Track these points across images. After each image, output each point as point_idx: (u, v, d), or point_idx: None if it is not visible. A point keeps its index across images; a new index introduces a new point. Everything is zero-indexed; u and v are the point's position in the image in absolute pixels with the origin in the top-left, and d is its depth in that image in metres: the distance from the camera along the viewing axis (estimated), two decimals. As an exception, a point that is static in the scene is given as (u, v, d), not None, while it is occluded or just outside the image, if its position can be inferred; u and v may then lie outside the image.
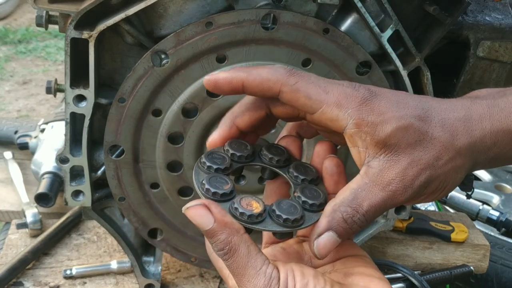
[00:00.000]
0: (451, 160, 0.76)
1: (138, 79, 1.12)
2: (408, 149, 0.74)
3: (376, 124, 0.74)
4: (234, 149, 0.82)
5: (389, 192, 0.74)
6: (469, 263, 1.55)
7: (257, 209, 0.74)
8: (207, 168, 0.79)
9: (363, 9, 1.12)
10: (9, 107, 4.20)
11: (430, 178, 0.75)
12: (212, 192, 0.75)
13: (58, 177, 1.60)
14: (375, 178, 0.74)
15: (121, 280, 1.41)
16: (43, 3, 1.07)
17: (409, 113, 0.75)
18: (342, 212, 0.74)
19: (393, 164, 0.74)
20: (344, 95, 0.77)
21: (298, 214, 0.75)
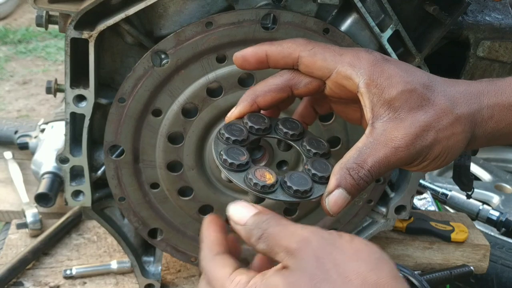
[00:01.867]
0: (451, 125, 0.81)
1: (138, 79, 1.12)
2: (411, 111, 0.80)
3: (384, 86, 0.80)
4: (252, 122, 0.87)
5: (392, 148, 0.78)
6: (469, 263, 1.55)
7: (270, 180, 0.79)
8: (226, 139, 0.84)
9: (363, 9, 1.12)
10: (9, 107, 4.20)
11: (432, 141, 0.80)
12: (229, 162, 0.80)
13: (58, 177, 1.61)
14: (379, 136, 0.79)
15: (121, 280, 1.41)
16: (43, 3, 1.07)
17: (415, 80, 0.81)
18: (348, 168, 0.78)
19: (396, 124, 0.79)
20: (357, 57, 0.83)
21: (307, 185, 0.80)
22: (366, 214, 1.34)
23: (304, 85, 0.87)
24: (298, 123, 0.90)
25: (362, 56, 0.83)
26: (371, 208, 1.33)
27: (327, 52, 0.85)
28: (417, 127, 0.79)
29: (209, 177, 1.23)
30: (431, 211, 1.98)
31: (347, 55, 0.84)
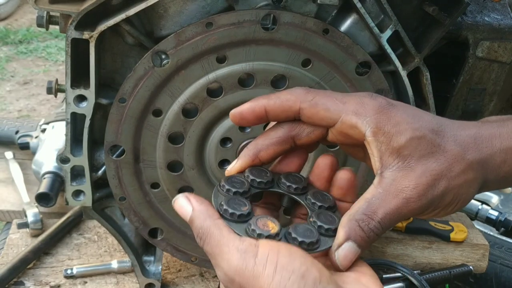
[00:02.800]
0: (463, 172, 0.78)
1: (138, 79, 1.12)
2: (421, 159, 0.77)
3: (392, 134, 0.77)
4: (254, 175, 0.84)
5: (403, 199, 0.75)
6: (468, 262, 1.56)
7: (273, 230, 0.75)
8: (226, 191, 0.81)
9: (363, 10, 1.12)
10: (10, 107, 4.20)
11: (444, 190, 0.77)
12: (230, 212, 0.77)
13: (59, 177, 1.61)
14: (388, 187, 0.76)
15: (122, 280, 1.42)
16: (43, 3, 1.08)
17: (424, 126, 0.78)
18: (358, 220, 0.76)
19: (406, 173, 0.76)
20: (361, 104, 0.80)
21: (314, 237, 0.77)
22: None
23: (306, 134, 0.84)
24: (301, 176, 0.87)
25: (367, 102, 0.80)
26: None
27: (329, 101, 0.81)
28: (428, 176, 0.76)
29: (209, 177, 1.24)
30: (430, 211, 1.98)
31: (351, 102, 0.80)
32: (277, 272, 0.69)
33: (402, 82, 1.18)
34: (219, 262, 0.73)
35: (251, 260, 0.71)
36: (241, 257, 0.71)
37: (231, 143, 1.20)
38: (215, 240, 0.74)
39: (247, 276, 0.70)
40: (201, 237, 0.75)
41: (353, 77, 1.16)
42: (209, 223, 0.75)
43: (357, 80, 1.16)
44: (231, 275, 0.72)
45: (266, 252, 0.71)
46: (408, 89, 1.18)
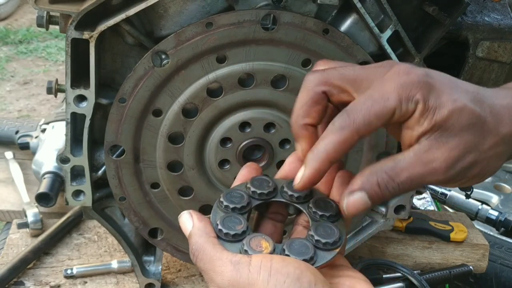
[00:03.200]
0: (495, 145, 0.77)
1: (138, 79, 1.12)
2: (460, 131, 0.75)
3: (435, 108, 0.74)
4: (255, 186, 0.83)
5: (431, 169, 0.75)
6: (468, 262, 1.56)
7: (266, 250, 0.75)
8: (225, 208, 0.80)
9: (363, 10, 1.12)
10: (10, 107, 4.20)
11: (473, 162, 0.76)
12: (224, 232, 0.76)
13: (59, 177, 1.61)
14: (421, 154, 0.75)
15: (122, 280, 1.42)
16: (43, 3, 1.08)
17: (463, 95, 0.76)
18: (379, 176, 0.75)
19: (442, 144, 0.75)
20: (402, 86, 0.77)
21: (309, 254, 0.75)
22: (365, 214, 1.35)
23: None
24: None
25: (408, 80, 0.76)
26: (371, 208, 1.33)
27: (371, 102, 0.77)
28: (461, 149, 0.75)
29: (209, 177, 1.24)
30: (430, 210, 1.99)
31: (390, 85, 0.76)
32: (272, 276, 0.69)
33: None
34: (212, 277, 0.73)
35: (245, 269, 0.70)
36: (235, 268, 0.71)
37: (231, 143, 1.20)
38: (207, 256, 0.74)
39: (242, 285, 0.70)
40: (194, 253, 0.75)
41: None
42: (204, 240, 0.75)
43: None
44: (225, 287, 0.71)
45: (259, 260, 0.71)
46: (408, 89, 1.18)
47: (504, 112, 0.78)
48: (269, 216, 0.87)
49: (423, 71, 0.76)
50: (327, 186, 0.84)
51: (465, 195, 1.86)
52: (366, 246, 1.54)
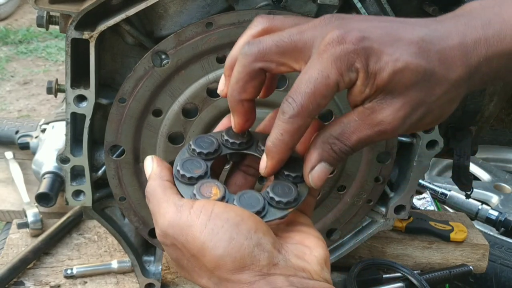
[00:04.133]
0: (446, 93, 0.74)
1: (138, 79, 1.12)
2: (404, 90, 0.72)
3: (375, 73, 0.71)
4: (229, 135, 0.82)
5: (377, 131, 0.74)
6: (468, 262, 1.56)
7: (214, 196, 0.75)
8: (192, 151, 0.81)
9: (363, 10, 1.12)
10: (10, 107, 4.20)
11: (423, 115, 0.74)
12: (180, 174, 0.77)
13: (59, 177, 1.61)
14: (366, 117, 0.73)
15: (122, 280, 1.42)
16: (43, 3, 1.08)
17: (404, 51, 0.72)
18: (331, 143, 0.75)
19: (386, 106, 0.73)
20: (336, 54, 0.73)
21: (257, 207, 0.75)
22: (365, 214, 1.35)
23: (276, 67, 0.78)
24: None
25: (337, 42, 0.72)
26: (371, 208, 1.33)
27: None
28: (407, 107, 0.73)
29: (209, 177, 1.24)
30: (430, 210, 1.99)
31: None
32: (211, 220, 0.70)
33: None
34: (156, 218, 0.75)
35: (186, 211, 0.72)
36: (177, 210, 0.72)
37: (231, 143, 1.20)
38: (156, 199, 0.76)
39: (181, 226, 0.71)
40: (147, 195, 0.77)
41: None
42: (157, 183, 0.77)
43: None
44: (165, 228, 0.73)
45: (201, 205, 0.72)
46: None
47: (454, 54, 0.73)
48: (242, 168, 0.87)
49: (358, 34, 0.71)
50: (306, 145, 0.82)
51: (465, 195, 1.85)
52: (366, 246, 1.54)
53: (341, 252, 1.38)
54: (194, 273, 0.73)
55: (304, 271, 0.72)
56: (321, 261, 0.74)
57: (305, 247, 0.75)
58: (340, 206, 1.31)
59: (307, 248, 0.75)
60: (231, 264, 0.69)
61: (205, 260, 0.70)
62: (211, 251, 0.69)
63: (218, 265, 0.69)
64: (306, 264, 0.73)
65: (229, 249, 0.69)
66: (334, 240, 1.36)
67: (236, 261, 0.69)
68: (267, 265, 0.70)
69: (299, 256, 0.73)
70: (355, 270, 1.46)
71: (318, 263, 0.74)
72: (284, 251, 0.73)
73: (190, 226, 0.70)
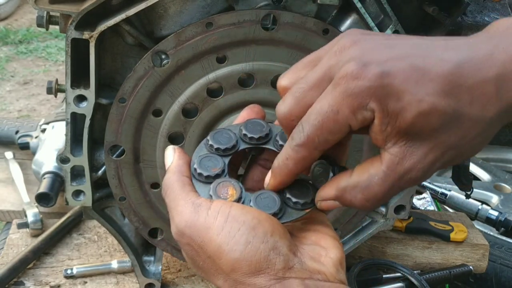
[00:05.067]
0: (479, 135, 0.67)
1: (138, 79, 1.12)
2: (432, 133, 0.66)
3: (396, 114, 0.65)
4: (247, 130, 0.81)
5: (407, 180, 0.68)
6: (468, 262, 1.56)
7: (231, 197, 0.74)
8: (209, 147, 0.80)
9: (363, 10, 1.12)
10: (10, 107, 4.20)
11: (453, 157, 0.69)
12: (198, 172, 0.76)
13: (59, 177, 1.61)
14: (394, 166, 0.68)
15: (122, 280, 1.42)
16: (43, 3, 1.08)
17: (431, 90, 0.64)
18: (353, 196, 0.71)
19: (414, 150, 0.67)
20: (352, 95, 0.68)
21: (273, 209, 0.74)
22: (365, 214, 1.35)
23: None
24: None
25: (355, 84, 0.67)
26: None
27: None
28: (437, 151, 0.67)
29: (209, 177, 1.24)
30: (430, 210, 1.99)
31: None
32: (228, 222, 0.70)
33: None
34: (173, 215, 0.74)
35: (203, 212, 0.71)
36: (195, 210, 0.72)
37: (231, 143, 1.20)
38: (174, 194, 0.75)
39: (198, 228, 0.71)
40: (164, 188, 0.77)
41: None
42: (176, 178, 0.76)
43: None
44: (182, 227, 0.72)
45: (219, 206, 0.72)
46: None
47: (490, 90, 0.65)
48: (260, 162, 0.86)
49: (377, 69, 0.64)
50: None
51: (465, 195, 1.85)
52: (366, 246, 1.54)
53: (341, 252, 1.38)
54: (210, 274, 0.73)
55: (320, 273, 0.72)
56: (337, 263, 0.74)
57: (321, 248, 0.75)
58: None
59: (322, 249, 0.75)
60: (247, 267, 0.69)
61: (221, 263, 0.70)
62: (227, 254, 0.69)
63: (234, 268, 0.69)
64: (322, 266, 0.73)
65: (245, 253, 0.69)
66: (334, 240, 1.35)
67: (252, 265, 0.69)
68: (283, 269, 0.69)
69: (315, 259, 0.73)
70: (355, 270, 1.46)
71: (334, 265, 0.73)
72: (300, 253, 0.73)
73: (207, 228, 0.70)
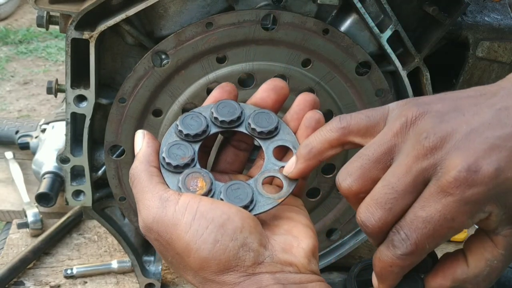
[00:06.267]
0: None
1: (138, 79, 1.12)
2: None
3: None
4: (218, 113, 0.77)
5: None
6: (468, 262, 1.55)
7: (200, 190, 0.72)
8: (179, 132, 0.76)
9: (363, 10, 1.12)
10: (10, 107, 4.20)
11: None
12: (166, 162, 0.74)
13: (59, 177, 1.61)
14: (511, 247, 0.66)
15: (122, 280, 1.42)
16: (43, 3, 1.08)
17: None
18: (475, 285, 0.68)
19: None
20: None
21: (245, 201, 0.72)
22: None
23: None
24: (274, 117, 0.78)
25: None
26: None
27: None
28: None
29: (209, 177, 1.24)
30: (430, 211, 1.98)
31: None
32: (196, 219, 0.68)
33: (402, 82, 1.18)
34: (140, 208, 0.72)
35: (171, 207, 0.69)
36: (162, 205, 0.70)
37: (231, 143, 1.20)
38: (141, 185, 0.73)
39: (166, 224, 0.69)
40: (131, 178, 0.75)
41: (353, 77, 1.16)
42: (143, 167, 0.74)
43: (357, 80, 1.16)
44: (149, 222, 0.70)
45: (187, 201, 0.69)
46: (408, 89, 1.18)
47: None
48: (233, 143, 0.84)
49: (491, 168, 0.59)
50: (298, 122, 0.79)
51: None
52: (366, 246, 1.54)
53: (341, 252, 1.38)
54: (180, 269, 0.72)
55: (291, 265, 0.70)
56: (309, 253, 0.72)
57: (293, 238, 0.73)
58: (340, 206, 1.31)
59: (294, 239, 0.73)
60: (215, 266, 0.67)
61: (190, 261, 0.68)
62: (195, 252, 0.67)
63: (202, 267, 0.68)
64: (293, 257, 0.71)
65: (214, 252, 0.67)
66: (334, 240, 1.35)
67: (221, 263, 0.67)
68: (253, 265, 0.68)
69: (286, 250, 0.71)
70: (355, 270, 1.45)
71: (306, 256, 0.72)
72: (271, 245, 0.71)
73: (175, 224, 0.68)
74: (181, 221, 0.68)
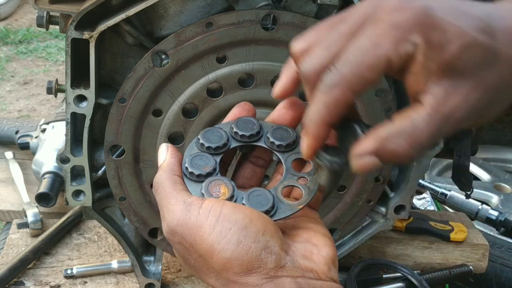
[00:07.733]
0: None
1: (138, 79, 1.12)
2: (475, 70, 0.64)
3: (441, 45, 0.62)
4: (238, 127, 0.81)
5: (452, 123, 0.65)
6: (468, 262, 1.56)
7: (223, 196, 0.74)
8: (200, 145, 0.80)
9: (363, 10, 1.12)
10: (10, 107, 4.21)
11: (492, 100, 0.66)
12: (189, 171, 0.77)
13: (59, 177, 1.61)
14: (439, 107, 0.64)
15: (122, 280, 1.42)
16: (43, 3, 1.08)
17: (471, 26, 0.63)
18: (396, 144, 0.65)
19: (458, 89, 0.64)
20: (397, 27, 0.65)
21: (266, 206, 0.74)
22: (365, 214, 1.35)
23: None
24: (291, 131, 0.81)
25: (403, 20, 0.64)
26: (371, 208, 1.33)
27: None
28: (480, 90, 0.64)
29: (209, 177, 1.24)
30: (430, 210, 1.99)
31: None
32: (219, 222, 0.69)
33: (402, 82, 1.18)
34: (164, 214, 0.74)
35: (195, 211, 0.71)
36: (186, 208, 0.71)
37: (231, 143, 1.20)
38: (165, 192, 0.75)
39: (189, 226, 0.70)
40: (155, 186, 0.77)
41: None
42: (167, 176, 0.76)
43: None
44: (173, 226, 0.72)
45: (210, 204, 0.71)
46: (408, 89, 1.18)
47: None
48: (251, 159, 0.85)
49: (420, 3, 0.63)
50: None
51: (465, 195, 1.85)
52: (366, 246, 1.54)
53: (341, 252, 1.38)
54: (202, 272, 0.73)
55: (312, 271, 0.71)
56: (329, 261, 0.74)
57: (313, 246, 0.75)
58: (340, 206, 1.31)
59: (314, 247, 0.74)
60: (238, 267, 0.69)
61: (213, 262, 0.70)
62: (219, 253, 0.69)
63: (225, 268, 0.69)
64: (314, 264, 0.72)
65: (237, 253, 0.68)
66: (334, 240, 1.36)
67: (243, 265, 0.68)
68: (275, 268, 0.69)
69: (307, 257, 0.73)
70: (355, 270, 1.46)
71: (326, 263, 0.73)
72: (292, 251, 0.72)
73: (198, 227, 0.70)
74: (204, 223, 0.70)
